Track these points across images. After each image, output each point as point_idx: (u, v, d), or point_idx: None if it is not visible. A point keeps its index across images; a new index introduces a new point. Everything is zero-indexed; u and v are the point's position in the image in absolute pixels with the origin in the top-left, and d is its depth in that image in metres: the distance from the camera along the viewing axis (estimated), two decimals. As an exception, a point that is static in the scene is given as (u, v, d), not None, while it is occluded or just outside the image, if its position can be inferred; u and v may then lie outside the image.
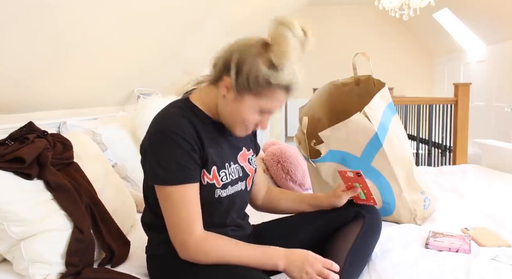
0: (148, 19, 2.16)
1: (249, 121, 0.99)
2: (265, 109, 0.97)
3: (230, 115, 1.00)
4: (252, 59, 0.93)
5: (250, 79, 0.93)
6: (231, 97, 0.97)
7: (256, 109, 0.97)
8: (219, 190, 1.02)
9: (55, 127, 1.82)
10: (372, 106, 1.43)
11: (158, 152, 0.95)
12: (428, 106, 4.03)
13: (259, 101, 0.96)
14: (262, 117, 1.00)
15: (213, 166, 1.01)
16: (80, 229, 1.14)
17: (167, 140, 0.94)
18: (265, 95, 0.95)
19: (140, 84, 2.77)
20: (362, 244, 1.10)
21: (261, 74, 0.92)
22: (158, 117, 1.00)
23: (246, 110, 0.97)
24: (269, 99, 0.96)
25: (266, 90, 0.94)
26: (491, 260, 1.15)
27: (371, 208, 1.18)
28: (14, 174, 1.10)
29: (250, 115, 0.98)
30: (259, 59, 0.93)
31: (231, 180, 1.05)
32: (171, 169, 0.94)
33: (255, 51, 0.94)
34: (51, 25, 1.49)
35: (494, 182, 2.06)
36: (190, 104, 1.04)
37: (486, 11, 5.14)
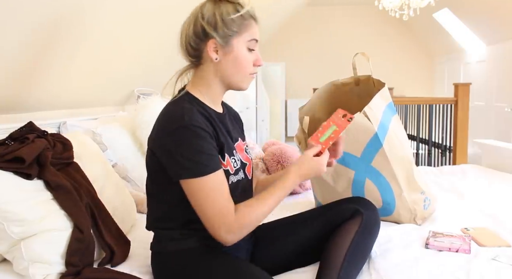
0: (149, 19, 2.16)
1: (248, 63, 1.06)
2: (251, 42, 1.05)
3: (232, 71, 1.05)
4: (215, 10, 1.02)
5: (227, 24, 1.01)
6: (222, 55, 1.04)
7: (246, 47, 1.05)
8: (232, 176, 1.05)
9: (55, 127, 1.82)
10: (372, 106, 1.43)
11: (185, 147, 0.96)
12: (428, 106, 4.04)
13: (244, 38, 1.04)
14: (254, 54, 1.07)
15: (226, 154, 1.05)
16: (80, 229, 1.14)
17: (191, 133, 0.96)
18: (244, 30, 1.04)
19: (140, 84, 2.77)
20: (360, 241, 1.10)
21: (231, 13, 1.02)
22: (171, 115, 1.01)
23: (240, 53, 1.04)
24: (248, 31, 1.05)
25: (243, 25, 1.03)
26: (491, 260, 1.15)
27: (369, 205, 1.18)
28: (14, 174, 1.10)
29: (246, 56, 1.05)
30: (220, 5, 1.03)
31: (238, 166, 1.09)
32: (201, 160, 0.96)
33: (211, 4, 1.04)
34: (51, 25, 1.49)
35: (494, 182, 2.05)
36: (193, 97, 1.07)
37: (486, 11, 5.14)
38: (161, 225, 1.09)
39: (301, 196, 1.97)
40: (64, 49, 1.69)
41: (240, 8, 1.04)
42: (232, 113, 1.23)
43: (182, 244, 1.04)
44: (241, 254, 1.12)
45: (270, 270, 1.10)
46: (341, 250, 1.07)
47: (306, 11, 7.57)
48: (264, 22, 5.38)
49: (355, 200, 1.22)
